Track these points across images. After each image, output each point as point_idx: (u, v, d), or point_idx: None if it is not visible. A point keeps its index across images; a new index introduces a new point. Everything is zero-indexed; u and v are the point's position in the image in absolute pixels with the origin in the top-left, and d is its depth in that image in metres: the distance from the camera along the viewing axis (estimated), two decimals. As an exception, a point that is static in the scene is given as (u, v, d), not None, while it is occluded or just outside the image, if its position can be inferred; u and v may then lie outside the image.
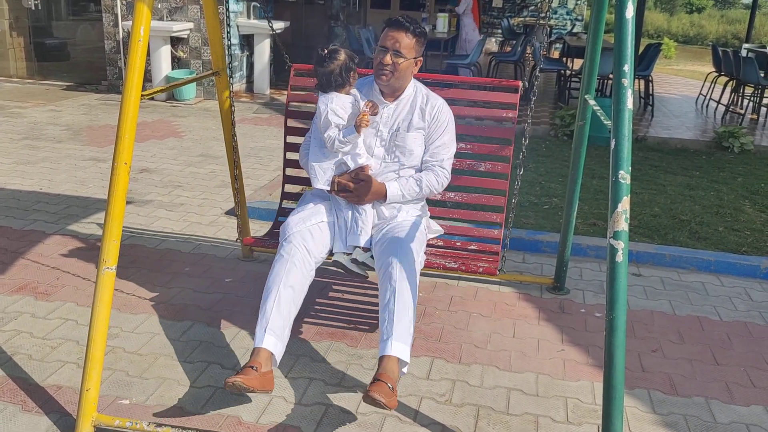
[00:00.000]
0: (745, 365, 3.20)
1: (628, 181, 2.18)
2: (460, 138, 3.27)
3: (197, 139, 7.01)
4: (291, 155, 3.63)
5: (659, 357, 3.23)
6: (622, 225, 2.18)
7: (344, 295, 3.70)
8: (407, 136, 3.06)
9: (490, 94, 3.52)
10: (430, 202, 3.48)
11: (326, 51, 2.90)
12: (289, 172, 3.75)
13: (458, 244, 3.47)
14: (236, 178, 3.80)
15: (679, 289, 4.00)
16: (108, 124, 7.40)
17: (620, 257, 2.18)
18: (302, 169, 3.24)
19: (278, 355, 2.69)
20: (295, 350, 3.11)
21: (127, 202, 4.89)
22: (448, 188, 3.30)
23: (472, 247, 3.41)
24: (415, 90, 3.12)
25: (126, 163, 2.45)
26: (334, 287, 3.79)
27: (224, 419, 2.62)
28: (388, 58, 2.93)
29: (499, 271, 3.20)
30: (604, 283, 3.94)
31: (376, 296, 3.64)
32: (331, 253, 3.04)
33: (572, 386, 2.96)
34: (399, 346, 2.60)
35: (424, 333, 3.33)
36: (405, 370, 2.68)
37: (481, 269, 3.14)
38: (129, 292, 3.60)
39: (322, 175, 3.00)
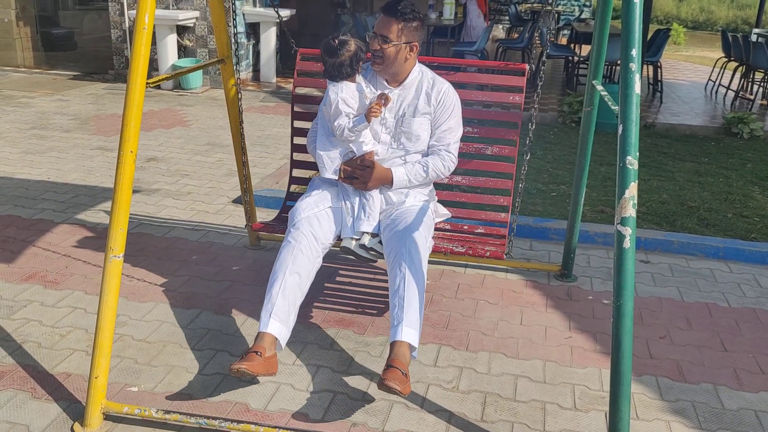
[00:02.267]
0: (754, 351, 3.19)
1: (636, 167, 2.17)
2: (466, 122, 3.25)
3: (204, 128, 7.01)
4: (298, 140, 3.65)
5: (667, 343, 3.22)
6: (630, 211, 2.17)
7: (352, 281, 3.70)
8: (413, 121, 3.06)
9: (496, 78, 3.49)
10: (438, 186, 3.50)
11: (336, 41, 2.88)
12: (297, 157, 3.75)
13: (465, 227, 3.46)
14: (244, 165, 3.79)
15: (687, 275, 3.98)
16: (115, 114, 7.41)
17: (627, 243, 2.17)
18: (309, 154, 3.27)
19: (283, 340, 2.71)
20: (302, 337, 3.13)
21: (135, 191, 4.91)
22: (456, 172, 3.29)
23: (480, 231, 3.42)
24: (420, 74, 3.10)
25: (132, 151, 2.44)
26: (342, 272, 3.79)
27: (232, 406, 2.63)
28: (375, 44, 2.95)
29: (506, 255, 3.20)
30: (611, 270, 3.92)
31: (383, 282, 3.65)
32: (339, 239, 3.06)
33: (580, 373, 2.96)
34: (410, 332, 2.63)
35: (431, 320, 3.33)
36: (415, 354, 2.71)
37: (488, 253, 3.14)
38: (137, 281, 3.61)
39: (330, 165, 3.04)
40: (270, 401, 2.67)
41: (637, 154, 2.17)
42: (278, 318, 2.69)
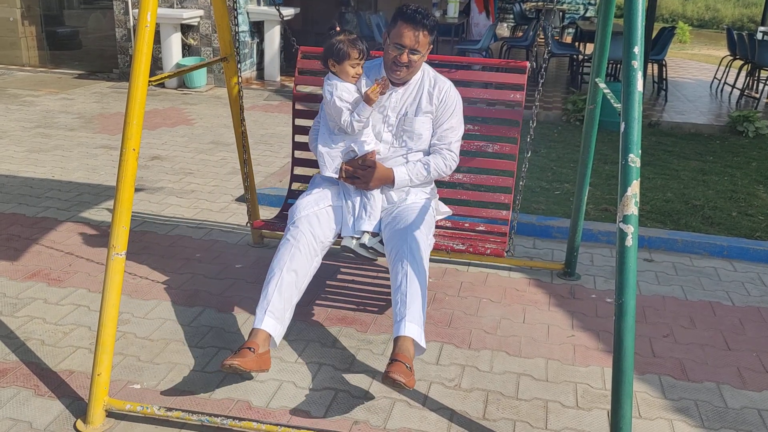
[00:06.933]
0: (758, 350, 3.17)
1: (638, 165, 2.16)
2: (468, 120, 3.27)
3: (208, 126, 7.02)
4: (299, 138, 3.67)
5: (670, 342, 3.21)
6: (632, 209, 2.16)
7: (354, 278, 3.70)
8: (415, 120, 3.08)
9: (497, 75, 3.51)
10: (439, 184, 3.51)
11: (340, 28, 2.97)
12: (298, 155, 3.75)
13: (466, 225, 3.48)
14: (245, 163, 3.79)
15: (691, 274, 3.97)
16: (119, 112, 7.42)
17: (630, 241, 2.16)
18: (311, 152, 3.26)
19: (277, 336, 2.71)
20: (305, 335, 3.13)
21: (139, 189, 4.92)
22: (457, 170, 3.33)
23: (481, 228, 3.43)
24: (422, 73, 3.11)
25: (134, 149, 2.45)
26: (344, 270, 3.79)
27: (234, 403, 2.63)
28: (404, 57, 2.94)
29: (506, 252, 3.19)
30: (614, 269, 3.91)
31: (386, 279, 3.65)
32: (339, 237, 3.06)
33: (582, 371, 2.95)
34: (413, 327, 2.62)
35: (434, 319, 3.33)
36: (421, 353, 2.69)
37: (488, 251, 3.13)
38: (140, 278, 3.62)
39: (331, 163, 3.06)
40: (272, 399, 2.67)
41: (640, 151, 2.16)
42: (273, 315, 2.69)
